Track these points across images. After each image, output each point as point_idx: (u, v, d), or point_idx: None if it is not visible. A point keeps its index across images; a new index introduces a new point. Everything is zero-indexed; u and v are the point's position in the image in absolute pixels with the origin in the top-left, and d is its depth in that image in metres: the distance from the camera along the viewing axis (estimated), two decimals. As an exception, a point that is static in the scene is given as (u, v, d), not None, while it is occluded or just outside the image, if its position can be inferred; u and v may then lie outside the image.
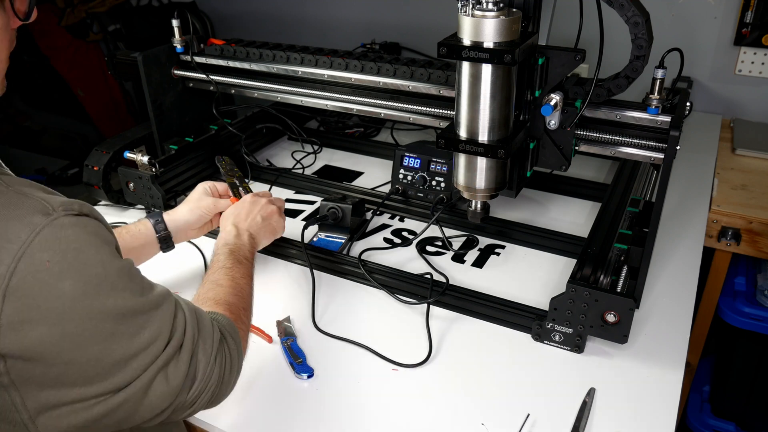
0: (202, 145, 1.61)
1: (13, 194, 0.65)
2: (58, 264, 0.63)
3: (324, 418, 0.96)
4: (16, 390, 0.64)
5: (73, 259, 0.64)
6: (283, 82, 1.54)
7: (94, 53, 2.98)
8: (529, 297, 1.19)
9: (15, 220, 0.63)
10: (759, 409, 1.63)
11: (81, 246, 0.65)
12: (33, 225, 0.63)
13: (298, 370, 1.03)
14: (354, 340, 1.10)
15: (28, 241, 0.62)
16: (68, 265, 0.64)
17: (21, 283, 0.61)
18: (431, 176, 1.46)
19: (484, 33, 0.98)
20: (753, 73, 1.90)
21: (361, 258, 1.29)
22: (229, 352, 0.82)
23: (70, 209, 0.67)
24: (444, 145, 1.10)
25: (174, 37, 1.59)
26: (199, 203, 1.22)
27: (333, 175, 1.71)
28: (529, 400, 0.98)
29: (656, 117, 1.06)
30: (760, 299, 1.52)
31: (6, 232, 0.62)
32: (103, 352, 0.67)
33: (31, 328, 0.62)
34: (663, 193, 1.00)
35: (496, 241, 1.39)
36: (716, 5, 1.88)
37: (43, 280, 0.62)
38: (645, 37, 0.99)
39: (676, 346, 1.08)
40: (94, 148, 1.53)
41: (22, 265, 0.61)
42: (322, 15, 2.51)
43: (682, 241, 1.36)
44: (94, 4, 2.87)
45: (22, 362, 0.63)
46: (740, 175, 1.63)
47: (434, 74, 1.33)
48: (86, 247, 0.66)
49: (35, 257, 0.62)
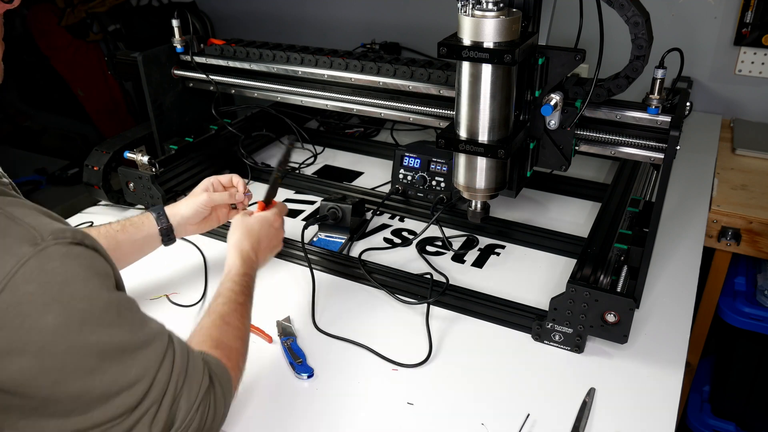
0: (202, 145, 1.61)
1: (2, 218, 0.64)
2: (41, 297, 0.61)
3: (324, 418, 0.96)
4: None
5: (58, 293, 0.63)
6: (283, 82, 1.54)
7: (94, 53, 2.98)
8: (529, 297, 1.19)
9: (1, 249, 0.61)
10: (759, 409, 1.63)
11: (67, 279, 0.64)
12: (19, 256, 0.61)
13: (298, 370, 1.03)
14: (354, 340, 1.10)
15: (12, 273, 0.60)
16: (51, 299, 0.62)
17: (2, 314, 0.60)
18: (431, 176, 1.46)
19: (484, 33, 0.98)
20: (753, 73, 1.90)
21: (361, 258, 1.29)
22: (214, 402, 0.79)
23: (62, 238, 0.65)
24: (444, 145, 1.10)
25: (174, 37, 1.59)
26: (196, 199, 1.20)
27: (333, 175, 1.71)
28: (529, 400, 0.98)
29: (656, 117, 1.06)
30: (760, 299, 1.52)
31: None
32: (84, 388, 0.65)
33: (10, 360, 0.61)
34: (663, 193, 1.00)
35: (496, 241, 1.39)
36: (716, 5, 1.88)
37: (25, 313, 0.61)
38: (645, 37, 0.99)
39: (676, 346, 1.08)
40: (94, 148, 1.53)
41: (5, 296, 0.60)
42: (322, 15, 2.51)
43: (682, 241, 1.36)
44: (94, 4, 2.87)
45: (2, 393, 0.62)
46: (740, 175, 1.63)
47: (434, 74, 1.33)
48: (73, 280, 0.64)
49: (19, 290, 0.60)
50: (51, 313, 0.62)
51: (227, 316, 0.93)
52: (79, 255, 0.66)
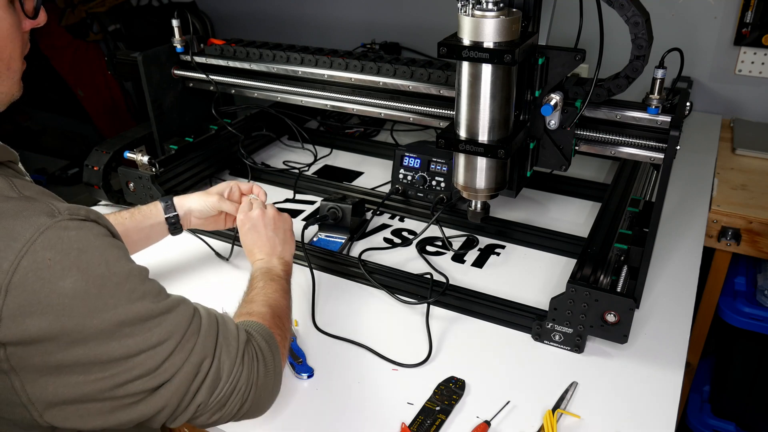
0: (202, 145, 1.61)
1: (23, 199, 0.67)
2: (59, 263, 0.64)
3: (324, 418, 0.96)
4: (15, 375, 0.66)
5: (76, 258, 0.65)
6: (283, 82, 1.54)
7: (94, 53, 2.98)
8: (529, 297, 1.19)
9: (21, 219, 0.64)
10: (759, 409, 1.63)
11: (84, 246, 0.67)
12: (38, 225, 0.64)
13: (298, 370, 1.03)
14: (354, 340, 1.10)
15: (32, 240, 0.63)
16: (70, 264, 0.65)
17: (23, 279, 0.62)
18: (431, 176, 1.46)
19: (484, 33, 0.98)
20: (753, 73, 1.90)
21: (361, 258, 1.29)
22: (261, 353, 0.82)
23: (76, 214, 0.68)
24: (444, 145, 1.10)
25: (174, 37, 1.59)
26: (207, 198, 1.22)
27: (333, 175, 1.71)
28: (529, 400, 0.98)
29: (656, 117, 1.06)
30: (760, 299, 1.52)
31: (12, 230, 0.64)
32: (102, 349, 0.67)
33: (31, 321, 0.63)
34: (663, 193, 1.01)
35: (496, 241, 1.39)
36: (716, 5, 1.88)
37: (45, 278, 0.63)
38: (645, 37, 0.99)
39: (676, 346, 1.08)
40: (94, 148, 1.53)
41: (25, 262, 0.63)
42: (322, 15, 2.51)
43: (682, 241, 1.36)
44: (94, 4, 2.87)
45: (22, 349, 0.64)
46: (740, 175, 1.63)
47: (434, 74, 1.33)
48: (89, 248, 0.67)
49: (38, 255, 0.63)
50: (70, 278, 0.65)
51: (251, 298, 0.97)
52: (92, 228, 0.69)
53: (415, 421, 0.94)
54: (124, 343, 0.68)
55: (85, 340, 0.66)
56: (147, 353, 0.70)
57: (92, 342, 0.67)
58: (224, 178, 1.69)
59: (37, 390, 0.67)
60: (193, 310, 0.77)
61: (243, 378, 0.78)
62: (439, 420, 0.94)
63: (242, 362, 0.78)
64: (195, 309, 0.78)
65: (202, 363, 0.75)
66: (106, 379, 0.69)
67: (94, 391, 0.69)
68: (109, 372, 0.68)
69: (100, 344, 0.67)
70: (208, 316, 0.79)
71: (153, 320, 0.71)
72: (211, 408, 0.76)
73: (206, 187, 1.62)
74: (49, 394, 0.67)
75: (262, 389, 0.81)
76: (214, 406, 0.76)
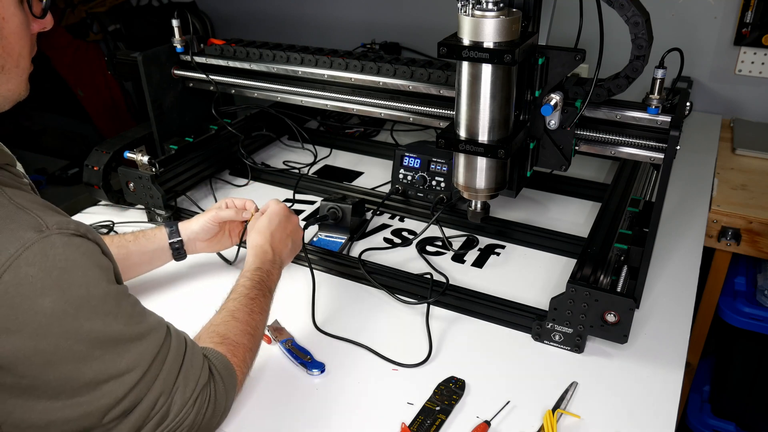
0: (202, 145, 1.61)
1: (13, 208, 0.67)
2: (41, 280, 0.64)
3: (324, 418, 0.96)
4: None
5: (57, 278, 0.65)
6: (283, 82, 1.54)
7: (94, 53, 2.98)
8: (529, 297, 1.19)
9: (7, 233, 0.64)
10: (759, 409, 1.63)
11: (68, 266, 0.66)
12: (23, 240, 0.64)
13: (309, 367, 1.03)
14: (354, 340, 1.10)
15: (15, 255, 0.63)
16: (51, 283, 0.64)
17: (3, 293, 0.62)
18: (431, 176, 1.46)
19: (484, 33, 0.98)
20: (753, 73, 1.90)
21: (361, 258, 1.29)
22: (214, 397, 0.80)
23: (65, 228, 0.67)
24: (444, 145, 1.10)
25: (174, 37, 1.59)
26: (206, 214, 1.23)
27: (333, 175, 1.71)
28: (529, 400, 0.98)
29: (656, 117, 1.06)
30: (760, 299, 1.52)
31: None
32: (74, 373, 0.67)
33: (6, 338, 0.63)
34: (663, 193, 1.01)
35: (496, 241, 1.39)
36: (716, 5, 1.88)
37: (24, 294, 0.63)
38: (645, 37, 0.99)
39: (676, 346, 1.08)
40: (94, 148, 1.53)
41: (7, 277, 0.62)
42: (322, 15, 2.51)
43: (682, 241, 1.36)
44: (94, 4, 2.87)
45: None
46: (740, 175, 1.63)
47: (434, 74, 1.33)
48: (73, 268, 0.66)
49: (20, 270, 0.63)
50: (49, 297, 0.64)
51: (236, 311, 0.95)
52: (80, 245, 0.68)
53: (415, 421, 0.94)
54: (94, 367, 0.68)
55: (58, 362, 0.66)
56: (115, 380, 0.69)
57: (64, 364, 0.66)
58: (224, 178, 1.69)
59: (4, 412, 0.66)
60: (163, 339, 0.76)
61: (189, 420, 0.77)
62: (439, 420, 0.94)
63: (193, 405, 0.77)
64: (165, 338, 0.76)
65: (158, 399, 0.74)
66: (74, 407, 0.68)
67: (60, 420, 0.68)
68: (76, 399, 0.68)
69: (71, 366, 0.66)
70: (178, 347, 0.77)
71: (123, 345, 0.70)
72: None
73: (206, 187, 1.63)
74: (15, 418, 0.67)
75: (204, 429, 0.80)
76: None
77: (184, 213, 1.49)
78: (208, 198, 1.60)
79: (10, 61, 0.74)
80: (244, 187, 1.66)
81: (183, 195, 1.55)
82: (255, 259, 1.07)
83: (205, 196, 1.61)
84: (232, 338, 0.90)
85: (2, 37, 0.72)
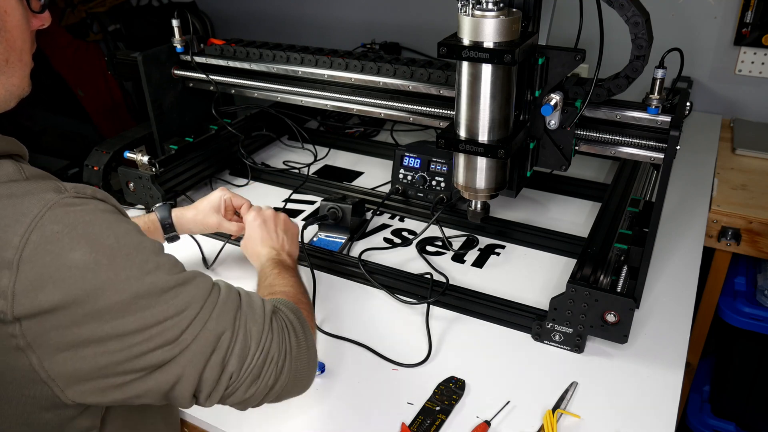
0: (202, 145, 1.61)
1: (31, 179, 0.68)
2: (67, 235, 0.65)
3: (324, 418, 0.96)
4: (32, 351, 0.65)
5: (83, 230, 0.66)
6: (283, 82, 1.54)
7: (94, 53, 2.97)
8: (529, 297, 1.19)
9: (29, 196, 0.65)
10: (759, 409, 1.63)
11: (91, 219, 0.67)
12: (45, 201, 0.65)
13: None
14: (354, 340, 1.10)
15: (39, 215, 0.64)
16: (78, 236, 0.65)
17: (32, 253, 0.63)
18: (431, 176, 1.46)
19: (484, 33, 0.98)
20: (753, 73, 1.90)
21: (361, 258, 1.29)
22: (291, 324, 0.80)
23: (82, 193, 0.69)
24: (444, 145, 1.10)
25: (174, 37, 1.59)
26: (206, 219, 1.23)
27: (333, 175, 1.71)
28: (529, 400, 0.98)
29: (656, 117, 1.06)
30: (760, 299, 1.52)
31: (21, 207, 0.64)
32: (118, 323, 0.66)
33: (44, 295, 0.63)
34: (663, 193, 1.01)
35: (496, 241, 1.39)
36: (716, 5, 1.88)
37: (53, 251, 0.64)
38: (645, 37, 0.99)
39: (676, 346, 1.08)
40: (94, 148, 1.53)
41: (34, 237, 0.63)
42: (322, 15, 2.51)
43: (682, 241, 1.36)
44: (94, 4, 2.87)
45: (36, 323, 0.64)
46: (740, 175, 1.63)
47: (434, 74, 1.33)
48: (97, 221, 0.67)
49: (46, 229, 0.64)
50: (79, 250, 0.65)
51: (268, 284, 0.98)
52: (99, 205, 0.69)
53: (415, 421, 0.94)
54: (140, 316, 0.67)
55: (99, 314, 0.65)
56: (164, 324, 0.68)
57: (107, 316, 0.66)
58: (224, 178, 1.69)
59: (56, 366, 0.66)
60: (212, 282, 0.76)
61: (274, 346, 0.75)
62: (439, 420, 0.94)
63: (271, 330, 0.75)
64: (214, 282, 0.76)
65: (223, 334, 0.72)
66: (124, 350, 0.67)
67: (111, 364, 0.67)
68: (126, 343, 0.67)
69: (115, 318, 0.66)
70: (229, 289, 0.77)
71: (170, 292, 0.69)
72: (244, 380, 0.73)
73: (206, 187, 1.63)
74: (68, 370, 0.67)
75: (297, 360, 0.78)
76: (247, 378, 0.73)
77: (184, 213, 1.49)
78: (208, 198, 1.60)
79: (14, 55, 0.74)
80: (244, 187, 1.66)
81: (183, 195, 1.55)
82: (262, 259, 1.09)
83: (205, 196, 1.60)
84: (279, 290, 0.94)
85: (6, 31, 0.72)
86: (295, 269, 1.07)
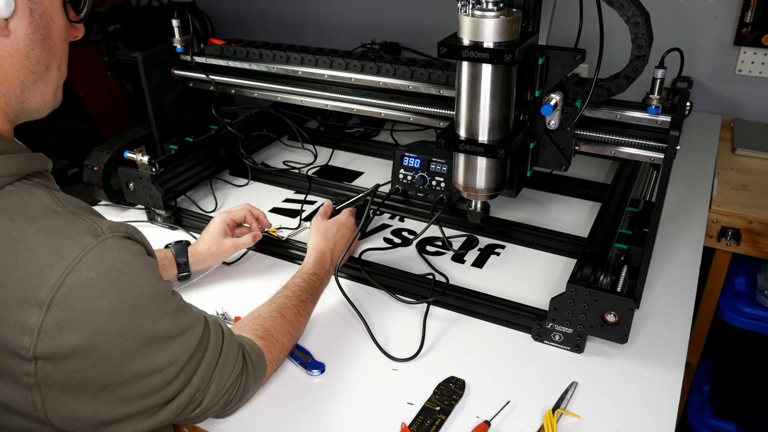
0: (202, 145, 1.61)
1: (68, 215, 0.70)
2: (101, 282, 0.67)
3: (324, 418, 0.96)
4: (38, 391, 0.68)
5: (115, 279, 0.69)
6: (283, 82, 1.54)
7: (94, 53, 2.97)
8: (529, 297, 1.19)
9: (68, 239, 0.67)
10: (759, 409, 1.63)
11: (124, 267, 0.70)
12: (83, 245, 0.67)
13: (309, 367, 1.03)
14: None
15: (77, 259, 0.67)
16: (110, 285, 0.68)
17: (65, 296, 0.66)
18: (431, 176, 1.46)
19: (484, 33, 0.98)
20: (753, 73, 1.90)
21: (361, 258, 1.29)
22: (244, 386, 0.89)
23: (117, 231, 0.71)
24: (444, 145, 1.10)
25: (174, 37, 1.59)
26: (220, 246, 1.24)
27: (333, 175, 1.71)
28: (529, 400, 0.98)
29: (656, 117, 1.06)
30: (760, 299, 1.52)
31: (59, 249, 0.67)
32: (122, 367, 0.71)
33: (67, 336, 0.66)
34: (663, 193, 1.01)
35: (496, 241, 1.39)
36: (716, 5, 1.88)
37: (85, 296, 0.67)
38: (645, 37, 0.99)
39: (676, 346, 1.08)
40: (94, 148, 1.53)
41: (69, 280, 0.66)
42: (322, 15, 2.51)
43: (682, 241, 1.36)
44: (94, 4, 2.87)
45: (51, 364, 0.67)
46: (740, 175, 1.63)
47: (434, 74, 1.33)
48: (128, 269, 0.70)
49: (82, 274, 0.66)
50: (108, 298, 0.68)
51: (285, 310, 1.02)
52: (131, 247, 0.73)
53: (415, 421, 0.94)
54: (140, 361, 0.72)
55: (109, 359, 0.69)
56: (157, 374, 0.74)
57: (115, 359, 0.70)
58: (224, 178, 1.69)
59: (56, 408, 0.70)
60: (201, 334, 0.81)
61: (218, 406, 0.86)
62: (439, 420, 0.94)
63: (224, 395, 0.86)
64: (203, 333, 0.82)
65: (195, 393, 0.80)
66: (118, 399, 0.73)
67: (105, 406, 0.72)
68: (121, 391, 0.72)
69: (122, 363, 0.71)
70: (215, 342, 0.83)
71: (166, 341, 0.75)
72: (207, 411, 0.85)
73: (206, 188, 1.63)
74: (65, 412, 0.70)
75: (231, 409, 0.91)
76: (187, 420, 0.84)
77: (184, 213, 1.49)
78: (208, 198, 1.60)
79: (54, 62, 0.77)
80: (244, 187, 1.66)
81: (183, 195, 1.55)
82: (315, 263, 1.15)
83: (205, 196, 1.61)
84: (273, 335, 0.98)
85: (50, 38, 0.74)
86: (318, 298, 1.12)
